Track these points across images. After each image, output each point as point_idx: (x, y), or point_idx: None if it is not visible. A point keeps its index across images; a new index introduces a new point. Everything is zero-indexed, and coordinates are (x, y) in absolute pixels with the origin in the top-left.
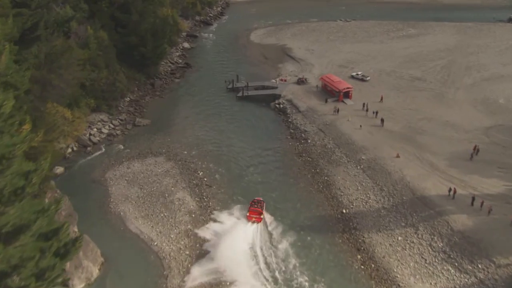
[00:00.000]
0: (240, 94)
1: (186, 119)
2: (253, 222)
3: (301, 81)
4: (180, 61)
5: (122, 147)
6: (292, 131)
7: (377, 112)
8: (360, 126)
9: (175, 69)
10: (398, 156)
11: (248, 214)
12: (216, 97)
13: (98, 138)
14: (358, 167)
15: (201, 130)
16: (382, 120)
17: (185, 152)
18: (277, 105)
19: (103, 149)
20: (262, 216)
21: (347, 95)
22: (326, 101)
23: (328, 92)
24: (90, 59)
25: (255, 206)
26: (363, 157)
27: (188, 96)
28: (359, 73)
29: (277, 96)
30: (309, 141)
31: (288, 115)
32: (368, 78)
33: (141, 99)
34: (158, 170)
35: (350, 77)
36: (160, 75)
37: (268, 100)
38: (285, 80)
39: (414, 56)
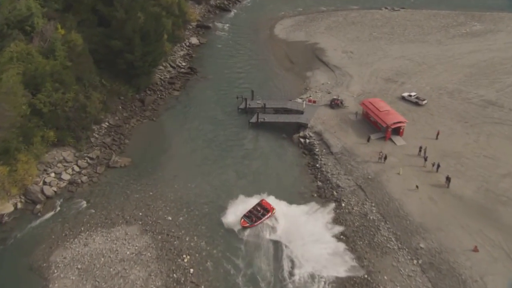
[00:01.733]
0: (254, 119)
1: (179, 160)
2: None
3: (335, 104)
4: (184, 64)
5: (85, 205)
6: (320, 184)
7: (439, 165)
8: (416, 186)
9: (176, 76)
10: (476, 250)
11: (270, 213)
12: (222, 124)
13: (54, 189)
14: (415, 262)
15: (196, 179)
16: (448, 179)
17: (170, 218)
18: (302, 140)
19: (58, 208)
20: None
21: (397, 131)
22: (368, 140)
23: (371, 123)
24: (53, 73)
25: (259, 210)
26: (421, 245)
27: (186, 119)
28: (413, 94)
29: (303, 126)
30: (343, 204)
31: (316, 157)
32: (424, 102)
33: (124, 123)
34: (126, 251)
35: (400, 98)
36: (154, 86)
37: (290, 130)
38: (315, 102)
39: (483, 66)
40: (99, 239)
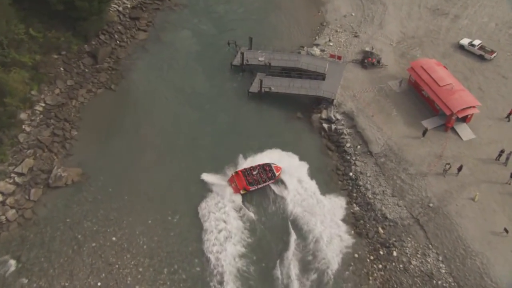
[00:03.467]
0: (254, 88)
1: (151, 169)
2: None
3: (369, 63)
4: None
5: (13, 268)
6: (357, 209)
7: None
8: (505, 230)
9: (140, 4)
10: None
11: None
12: (210, 98)
13: None
14: None
15: (178, 208)
16: None
17: None
18: (326, 125)
19: None
20: None
21: (463, 118)
22: (423, 133)
23: (424, 99)
24: None
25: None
26: None
27: (158, 88)
28: (476, 42)
29: (326, 101)
30: (394, 253)
31: (348, 157)
32: (493, 56)
33: (69, 98)
34: None
35: (458, 47)
36: (110, 26)
37: (307, 105)
38: (340, 58)
39: None
40: None
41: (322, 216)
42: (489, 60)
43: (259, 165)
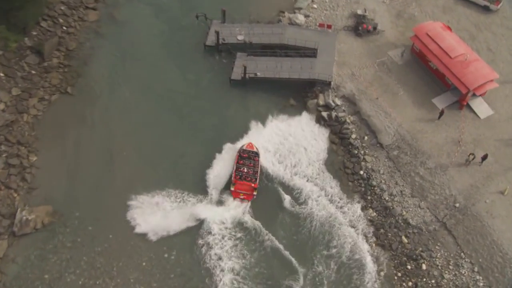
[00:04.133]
0: (237, 75)
1: (128, 189)
2: None
3: (364, 30)
4: None
5: None
6: (374, 214)
7: None
8: None
9: None
10: None
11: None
12: (183, 82)
13: None
14: None
15: (173, 242)
16: None
17: None
18: (324, 113)
19: None
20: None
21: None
22: (439, 116)
23: (431, 71)
24: None
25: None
26: None
27: (122, 78)
28: None
29: (322, 85)
30: (424, 266)
31: (355, 151)
32: (499, 6)
33: (18, 112)
34: None
35: None
36: (50, 9)
37: (299, 88)
38: (330, 27)
39: None
40: None
41: (342, 229)
42: (495, 11)
43: (237, 159)
